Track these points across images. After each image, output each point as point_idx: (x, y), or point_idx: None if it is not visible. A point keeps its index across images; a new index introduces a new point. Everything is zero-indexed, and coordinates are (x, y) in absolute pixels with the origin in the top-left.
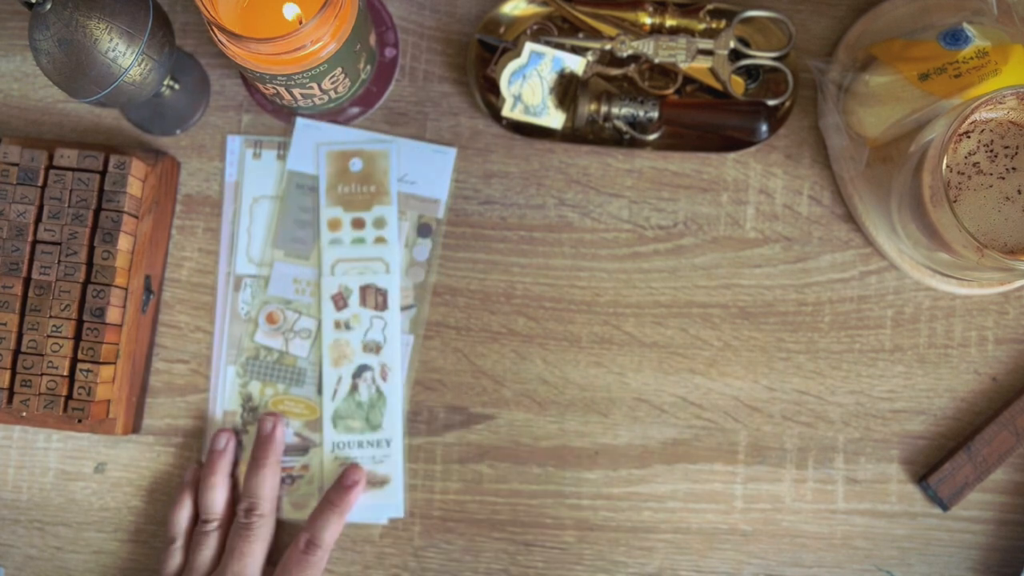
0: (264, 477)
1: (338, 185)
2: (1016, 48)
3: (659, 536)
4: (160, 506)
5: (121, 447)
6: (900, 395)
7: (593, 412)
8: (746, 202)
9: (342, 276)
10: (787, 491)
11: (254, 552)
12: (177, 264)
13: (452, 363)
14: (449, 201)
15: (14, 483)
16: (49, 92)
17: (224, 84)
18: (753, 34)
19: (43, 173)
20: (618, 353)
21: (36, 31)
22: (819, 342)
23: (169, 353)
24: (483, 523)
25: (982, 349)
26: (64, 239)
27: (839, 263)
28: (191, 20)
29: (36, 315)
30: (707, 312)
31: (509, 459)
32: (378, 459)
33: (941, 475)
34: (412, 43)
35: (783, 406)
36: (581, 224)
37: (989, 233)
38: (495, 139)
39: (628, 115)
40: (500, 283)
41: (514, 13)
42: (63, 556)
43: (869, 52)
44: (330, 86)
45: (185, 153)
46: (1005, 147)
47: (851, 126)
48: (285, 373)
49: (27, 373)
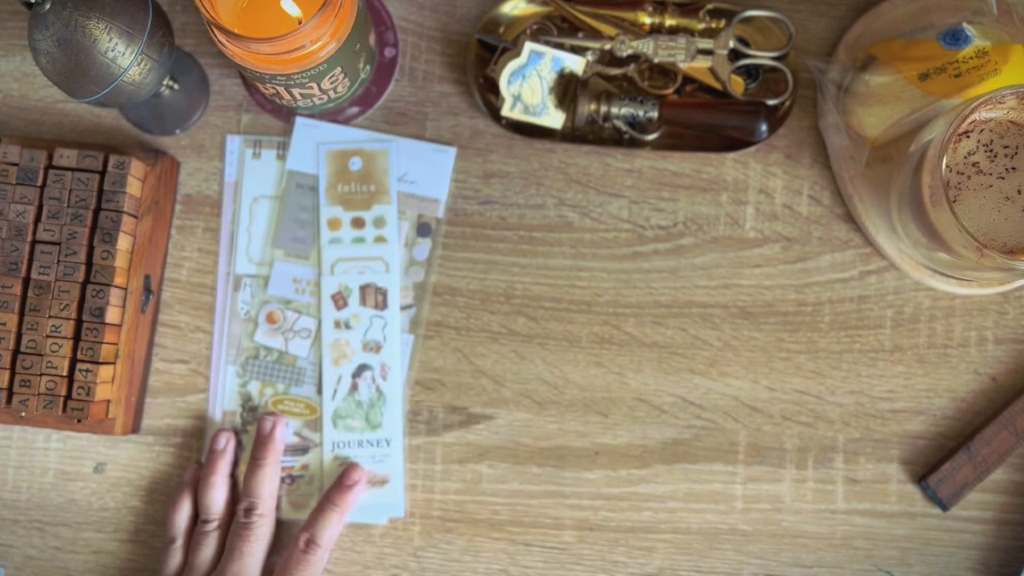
0: (264, 477)
1: (338, 184)
2: (1016, 48)
3: (659, 536)
4: (160, 506)
5: (121, 447)
6: (900, 395)
7: (593, 412)
8: (746, 202)
9: (342, 275)
10: (787, 491)
11: (253, 552)
12: (177, 264)
13: (452, 363)
14: (449, 201)
15: (14, 483)
16: (49, 92)
17: (224, 84)
18: (753, 34)
19: (43, 173)
20: (618, 353)
21: (35, 31)
22: (819, 342)
23: (169, 353)
24: (483, 523)
25: (982, 349)
26: (63, 239)
27: (839, 263)
28: (191, 20)
29: (35, 315)
30: (707, 312)
31: (509, 459)
32: (378, 459)
33: (941, 475)
34: (412, 43)
35: (783, 406)
36: (581, 224)
37: (989, 233)
38: (495, 139)
39: (628, 115)
40: (500, 283)
41: (514, 13)
42: (63, 556)
43: (869, 52)
44: (330, 86)
45: (185, 153)
46: (1005, 147)
47: (851, 126)
48: (285, 373)
49: (26, 373)
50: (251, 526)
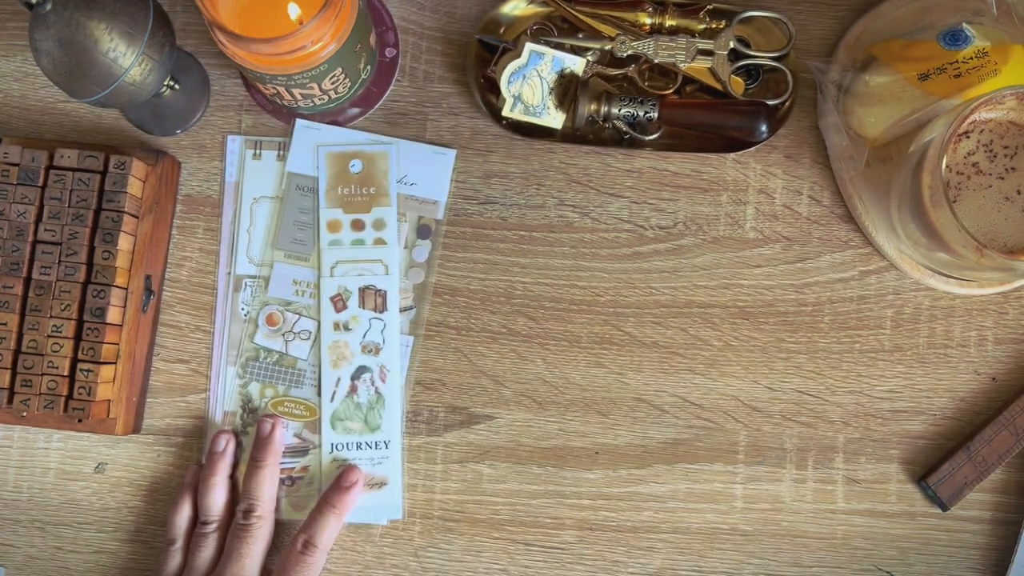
0: (263, 478)
1: (338, 187)
2: (1016, 48)
3: (659, 536)
4: (160, 506)
5: (121, 447)
6: (900, 395)
7: (593, 412)
8: (746, 202)
9: (341, 278)
10: (787, 491)
11: (253, 553)
12: (177, 264)
13: (452, 363)
14: (449, 201)
15: (14, 483)
16: (49, 92)
17: (224, 84)
18: (753, 34)
19: (43, 173)
20: (618, 353)
21: (36, 31)
22: (819, 342)
23: (169, 353)
24: (483, 523)
25: (982, 349)
26: (64, 239)
27: (839, 263)
28: (191, 20)
29: (36, 315)
30: (707, 312)
31: (509, 459)
32: (376, 461)
33: (941, 475)
34: (412, 43)
35: (783, 406)
36: (581, 224)
37: (988, 233)
38: (495, 139)
39: (628, 115)
40: (500, 283)
41: (514, 13)
42: (63, 556)
43: (869, 52)
44: (330, 86)
45: (185, 153)
46: (1004, 147)
47: (851, 126)
48: (285, 374)
49: (27, 373)
50: (250, 527)
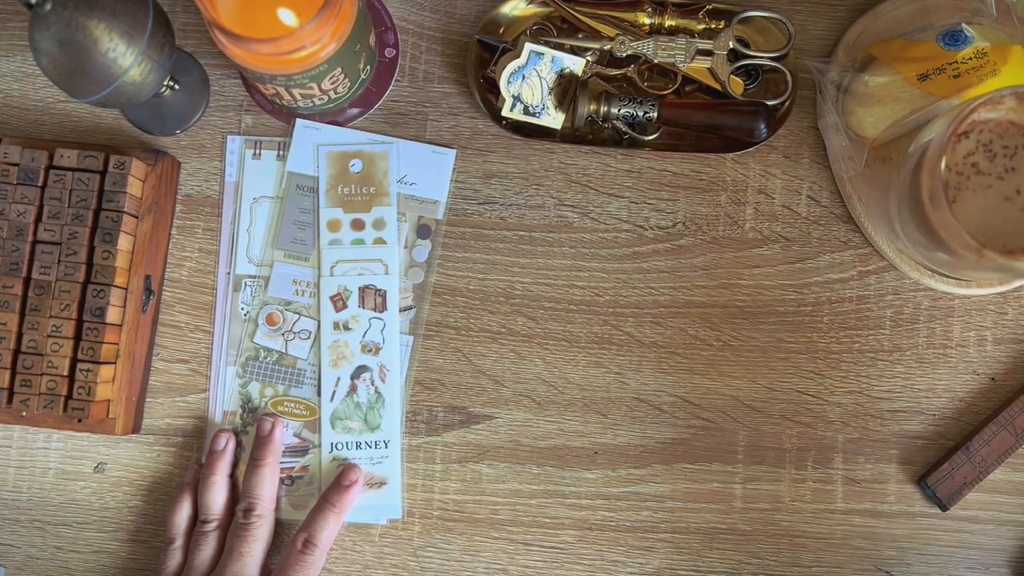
0: (263, 478)
1: (338, 186)
2: (1015, 48)
3: (658, 536)
4: (160, 506)
5: (121, 447)
6: (899, 395)
7: (592, 412)
8: (745, 202)
9: (341, 277)
10: (786, 491)
11: (253, 552)
12: (177, 264)
13: (451, 363)
14: (449, 201)
15: (14, 483)
16: (49, 92)
17: (224, 84)
18: (752, 34)
19: (43, 173)
20: (617, 353)
21: (36, 31)
22: (818, 342)
23: (169, 353)
24: (482, 523)
25: (981, 349)
26: (64, 239)
27: (838, 263)
28: (191, 20)
29: (36, 315)
30: (706, 312)
31: (508, 459)
32: (376, 460)
33: (940, 475)
34: (412, 43)
35: (782, 406)
36: (581, 224)
37: (988, 233)
38: (495, 139)
39: (627, 115)
40: (500, 283)
41: (514, 13)
42: (63, 556)
43: (868, 52)
44: (330, 86)
45: (185, 153)
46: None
47: (850, 126)
48: (285, 374)
49: (27, 373)
50: (250, 527)
